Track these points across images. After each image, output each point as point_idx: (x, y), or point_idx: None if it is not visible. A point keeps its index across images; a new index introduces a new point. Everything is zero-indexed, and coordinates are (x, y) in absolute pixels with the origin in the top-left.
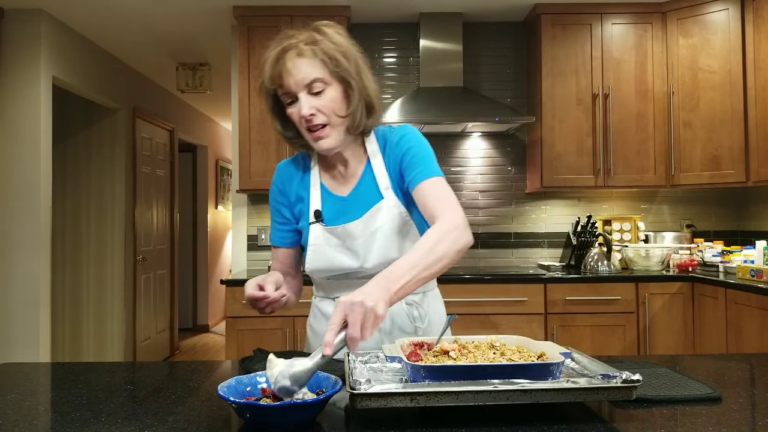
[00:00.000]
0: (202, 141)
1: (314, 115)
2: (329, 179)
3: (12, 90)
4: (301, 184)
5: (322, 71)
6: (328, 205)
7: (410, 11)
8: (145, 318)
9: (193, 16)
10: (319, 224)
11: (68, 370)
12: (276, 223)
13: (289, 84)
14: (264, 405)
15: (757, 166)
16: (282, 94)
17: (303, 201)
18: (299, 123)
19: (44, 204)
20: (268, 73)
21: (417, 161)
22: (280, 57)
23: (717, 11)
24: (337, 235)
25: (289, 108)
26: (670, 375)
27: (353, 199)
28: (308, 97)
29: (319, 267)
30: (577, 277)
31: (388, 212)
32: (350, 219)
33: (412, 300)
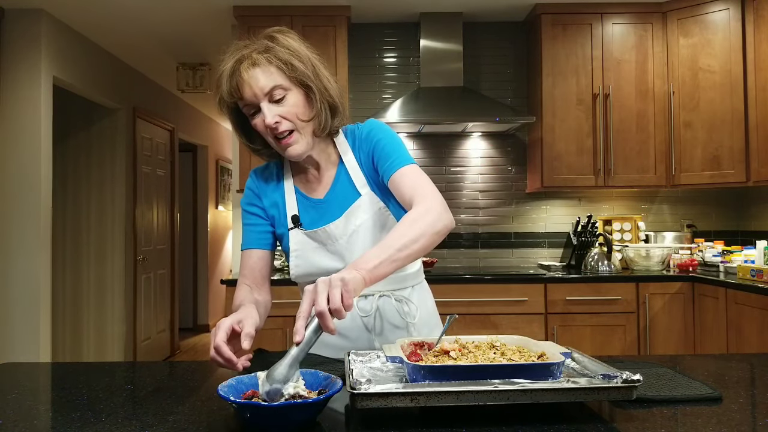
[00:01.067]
0: (202, 141)
1: (279, 122)
2: (303, 184)
3: (12, 90)
4: (276, 190)
5: (280, 78)
6: (306, 209)
7: (410, 11)
8: (146, 318)
9: (193, 16)
10: (298, 229)
11: (68, 369)
12: (250, 226)
13: (248, 95)
14: (264, 405)
15: (758, 166)
16: (243, 107)
17: (278, 207)
18: (265, 133)
19: (44, 204)
20: (225, 88)
21: (388, 152)
22: (236, 69)
23: (717, 11)
24: (318, 239)
25: (252, 119)
26: (671, 375)
27: (330, 201)
28: (270, 105)
29: (304, 272)
30: (577, 277)
31: (367, 209)
32: (329, 221)
33: (401, 296)
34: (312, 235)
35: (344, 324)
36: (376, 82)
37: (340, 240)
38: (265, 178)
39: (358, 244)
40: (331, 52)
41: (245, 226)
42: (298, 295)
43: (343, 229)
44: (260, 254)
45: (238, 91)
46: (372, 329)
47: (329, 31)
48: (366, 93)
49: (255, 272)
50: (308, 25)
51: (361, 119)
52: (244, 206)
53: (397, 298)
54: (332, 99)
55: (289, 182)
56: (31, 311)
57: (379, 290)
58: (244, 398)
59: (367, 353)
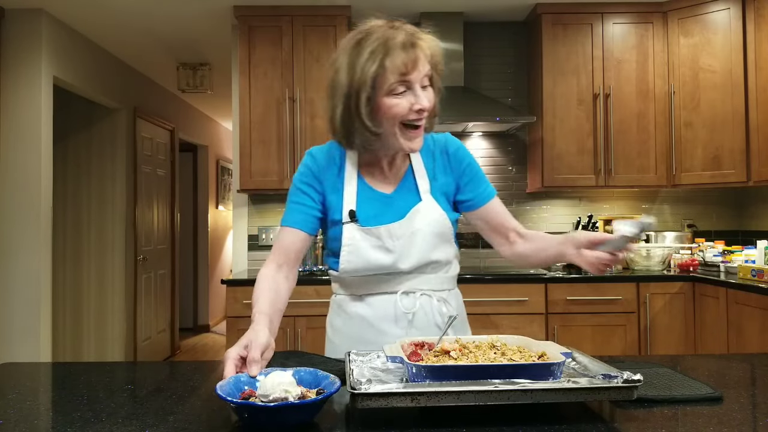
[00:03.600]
0: (202, 141)
1: (424, 110)
2: (370, 176)
3: (13, 90)
4: (338, 176)
5: (430, 68)
6: (369, 201)
7: (411, 11)
8: (146, 318)
9: (193, 16)
10: (353, 224)
11: (69, 369)
12: (299, 205)
13: (417, 72)
14: (261, 405)
15: (758, 166)
16: (397, 83)
17: (338, 193)
18: (402, 116)
19: (45, 204)
20: (399, 59)
21: (481, 177)
22: (415, 43)
23: (718, 11)
24: (377, 235)
25: (396, 98)
26: (671, 375)
27: (396, 197)
28: (422, 90)
29: (356, 267)
30: (577, 277)
31: (427, 215)
32: (391, 217)
33: (441, 297)
34: (369, 232)
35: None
36: None
37: (399, 239)
38: (328, 161)
39: (414, 247)
40: (331, 52)
41: (293, 203)
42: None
43: (405, 229)
44: (300, 235)
45: (413, 64)
46: (414, 326)
47: (329, 31)
48: None
49: (290, 252)
50: (308, 24)
51: None
52: (297, 183)
53: (438, 298)
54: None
55: (353, 171)
56: (32, 311)
57: (422, 289)
58: (242, 397)
59: (367, 353)
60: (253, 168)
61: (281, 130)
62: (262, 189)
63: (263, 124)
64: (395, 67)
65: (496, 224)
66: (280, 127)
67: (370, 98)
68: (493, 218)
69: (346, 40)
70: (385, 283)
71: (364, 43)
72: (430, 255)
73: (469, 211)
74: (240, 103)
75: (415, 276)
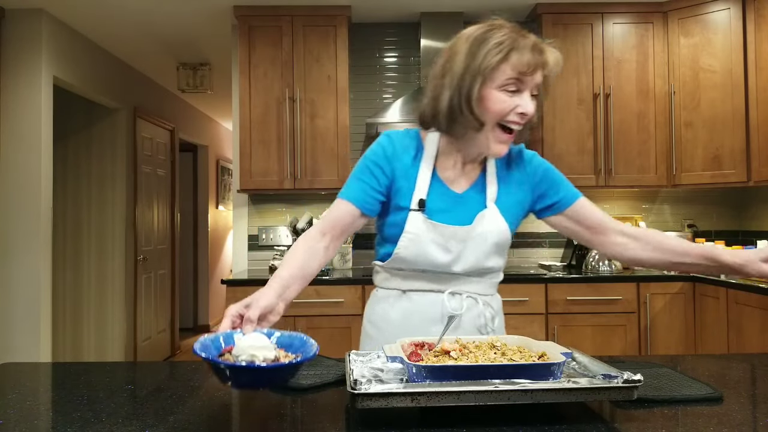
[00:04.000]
0: (202, 141)
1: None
2: (445, 171)
3: (13, 90)
4: (413, 163)
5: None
6: (438, 196)
7: (411, 11)
8: (146, 318)
9: (193, 16)
10: (420, 214)
11: (69, 369)
12: (364, 183)
13: (534, 76)
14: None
15: (759, 166)
16: (512, 80)
17: (409, 180)
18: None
19: (45, 204)
20: (526, 57)
21: (562, 181)
22: (541, 50)
23: (718, 11)
24: (441, 232)
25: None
26: (671, 375)
27: (466, 199)
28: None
29: (411, 257)
30: (578, 277)
31: (491, 223)
32: (458, 219)
33: (486, 300)
34: (435, 226)
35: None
36: (377, 82)
37: (461, 242)
38: (404, 146)
39: (472, 251)
40: (331, 51)
41: (356, 179)
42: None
43: (470, 234)
44: (354, 212)
45: (536, 67)
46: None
47: (329, 30)
48: (366, 93)
49: (339, 224)
50: (308, 24)
51: (361, 119)
52: (367, 161)
53: (483, 302)
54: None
55: (429, 164)
56: (32, 311)
57: (467, 291)
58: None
59: (367, 353)
60: (253, 168)
61: (281, 130)
62: (262, 189)
63: (263, 124)
64: (520, 63)
65: (591, 224)
66: (280, 127)
67: (482, 86)
68: (587, 217)
69: (472, 29)
70: (433, 281)
71: (493, 34)
72: (485, 262)
73: (557, 215)
74: (240, 103)
75: (464, 279)
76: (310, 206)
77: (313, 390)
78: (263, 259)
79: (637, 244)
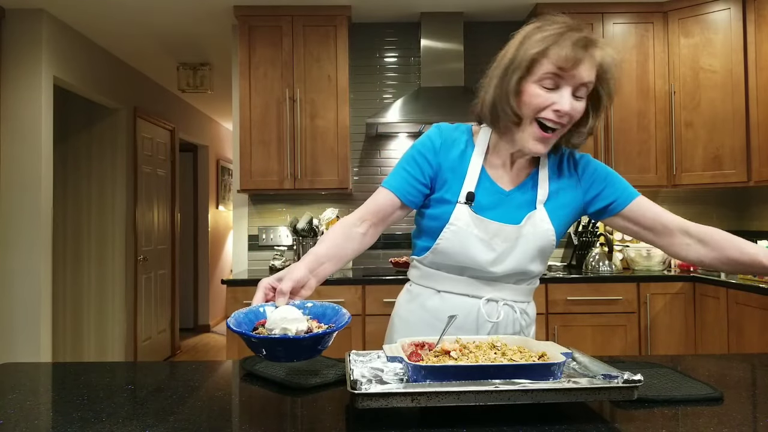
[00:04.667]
0: (202, 141)
1: (565, 115)
2: (492, 168)
3: (13, 90)
4: (461, 157)
5: (591, 81)
6: (486, 192)
7: (411, 11)
8: (146, 318)
9: (193, 16)
10: (467, 207)
11: (69, 370)
12: (408, 174)
13: (574, 73)
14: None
15: (759, 166)
16: (550, 75)
17: (456, 173)
18: (540, 109)
19: (45, 204)
20: (565, 51)
21: (618, 180)
22: (586, 44)
23: (718, 11)
24: (486, 228)
25: (542, 90)
26: (672, 375)
27: (513, 198)
28: (571, 96)
29: (451, 250)
30: (578, 277)
31: (538, 225)
32: (504, 217)
33: (522, 308)
34: (482, 221)
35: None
36: (377, 81)
37: (506, 242)
38: (453, 139)
39: (515, 253)
40: (331, 51)
41: (402, 169)
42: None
43: (517, 233)
44: (395, 202)
45: (574, 63)
46: (489, 333)
47: (330, 30)
48: (366, 93)
49: (380, 211)
50: (309, 24)
51: (362, 119)
52: (414, 152)
53: (519, 310)
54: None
55: (479, 158)
56: (32, 311)
57: (504, 298)
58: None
59: (367, 353)
60: (254, 168)
61: (281, 130)
62: (263, 189)
63: (263, 124)
64: (557, 57)
65: (650, 224)
66: (280, 127)
67: (521, 78)
68: (646, 216)
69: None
70: (470, 286)
71: (544, 28)
72: (527, 265)
73: (613, 217)
74: (240, 103)
75: (502, 285)
76: (311, 206)
77: (313, 390)
78: (263, 259)
79: (702, 248)
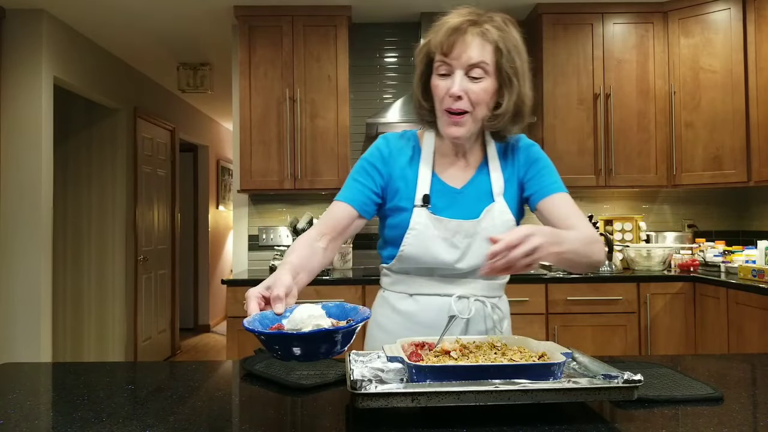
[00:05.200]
0: (203, 141)
1: (461, 98)
2: (442, 168)
3: (13, 90)
4: (409, 164)
5: (489, 59)
6: (437, 194)
7: (411, 11)
8: (146, 318)
9: (194, 16)
10: (425, 209)
11: (69, 370)
12: (359, 183)
13: (456, 56)
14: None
15: (759, 166)
16: (440, 63)
17: (406, 180)
18: (440, 99)
19: (45, 204)
20: (440, 37)
21: (548, 173)
22: (462, 28)
23: (718, 11)
24: (446, 227)
25: (438, 80)
26: (672, 375)
27: (466, 194)
28: (464, 77)
29: (416, 254)
30: (578, 277)
31: (498, 217)
32: (460, 213)
33: (493, 303)
34: (441, 221)
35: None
36: (377, 82)
37: (468, 237)
38: (400, 147)
39: (481, 246)
40: (331, 52)
41: (354, 180)
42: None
43: (475, 228)
44: (351, 213)
45: (451, 47)
46: (462, 331)
47: (330, 31)
48: (366, 93)
49: (336, 225)
50: (309, 24)
51: (362, 119)
52: (364, 163)
53: (491, 304)
54: (522, 104)
55: (428, 161)
56: (32, 311)
57: (475, 294)
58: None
59: (368, 353)
60: (254, 168)
61: (281, 130)
62: (263, 189)
63: (263, 124)
64: (437, 45)
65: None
66: (280, 127)
67: (422, 74)
68: (552, 215)
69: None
70: (440, 284)
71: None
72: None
73: (534, 209)
74: (240, 103)
75: (470, 281)
76: (311, 206)
77: (313, 390)
78: (263, 259)
79: None
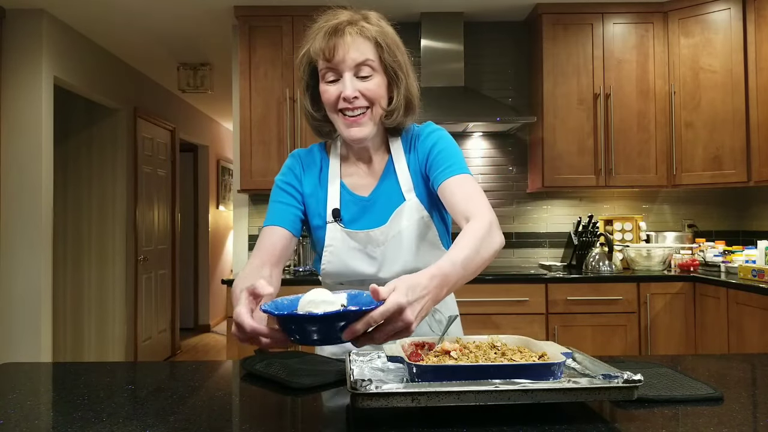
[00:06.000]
0: (203, 141)
1: (357, 98)
2: (349, 177)
3: (13, 90)
4: (318, 180)
5: (373, 56)
6: (348, 205)
7: (411, 11)
8: (147, 318)
9: (194, 16)
10: (337, 224)
11: (69, 370)
12: (282, 204)
13: (340, 59)
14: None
15: (759, 166)
16: (325, 70)
17: (317, 197)
18: (332, 105)
19: (45, 204)
20: (319, 44)
21: (444, 157)
22: (340, 29)
23: (718, 11)
24: (358, 240)
25: (327, 85)
26: (672, 375)
27: (374, 200)
28: (353, 78)
29: (335, 270)
30: (578, 277)
31: (410, 216)
32: (371, 222)
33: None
34: (351, 235)
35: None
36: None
37: (380, 246)
38: (308, 163)
39: (397, 251)
40: None
41: (275, 203)
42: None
43: (386, 234)
44: (284, 234)
45: (333, 51)
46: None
47: None
48: None
49: (274, 250)
50: (309, 25)
51: None
52: (279, 183)
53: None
54: (411, 97)
55: (335, 174)
56: (32, 311)
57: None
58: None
59: (368, 353)
60: (254, 168)
61: (281, 130)
62: (263, 189)
63: (263, 124)
64: (317, 53)
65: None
66: (280, 127)
67: (308, 84)
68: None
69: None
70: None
71: (308, 33)
72: (416, 262)
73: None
74: (240, 103)
75: None
76: None
77: (313, 390)
78: None
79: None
